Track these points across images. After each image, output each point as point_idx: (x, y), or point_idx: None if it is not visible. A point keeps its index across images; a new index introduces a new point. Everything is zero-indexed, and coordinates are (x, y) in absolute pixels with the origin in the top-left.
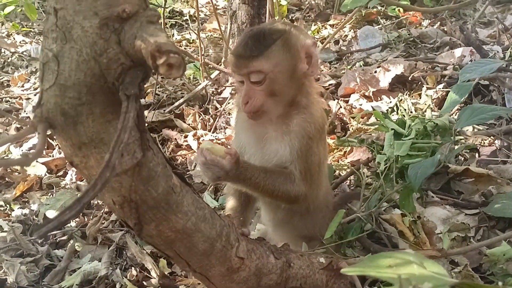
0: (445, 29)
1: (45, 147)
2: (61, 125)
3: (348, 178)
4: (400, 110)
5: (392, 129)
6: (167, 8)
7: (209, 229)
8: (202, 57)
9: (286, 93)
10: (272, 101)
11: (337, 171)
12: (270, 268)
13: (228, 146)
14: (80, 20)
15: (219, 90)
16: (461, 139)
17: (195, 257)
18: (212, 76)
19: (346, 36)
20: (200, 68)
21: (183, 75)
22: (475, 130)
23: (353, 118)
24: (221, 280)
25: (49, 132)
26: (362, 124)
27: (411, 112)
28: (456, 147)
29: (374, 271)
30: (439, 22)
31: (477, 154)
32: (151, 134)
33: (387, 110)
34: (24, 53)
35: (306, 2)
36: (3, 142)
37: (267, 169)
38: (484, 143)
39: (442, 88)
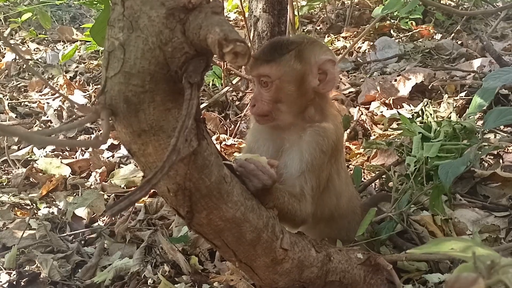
0: (460, 42)
1: (68, 149)
2: (123, 112)
3: (374, 182)
4: (426, 114)
5: (419, 132)
6: None
7: (256, 220)
8: (224, 62)
9: (292, 104)
10: (278, 109)
11: (365, 173)
12: (312, 261)
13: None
14: (147, 10)
15: (238, 97)
16: (485, 145)
17: (242, 246)
18: (233, 82)
19: (360, 48)
20: (221, 75)
21: (248, 63)
22: (498, 136)
23: (375, 124)
24: (265, 271)
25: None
26: (384, 131)
27: (436, 117)
28: (480, 152)
29: (443, 251)
30: (452, 35)
31: (501, 160)
32: None
33: (412, 115)
34: (40, 60)
35: (317, 15)
36: (67, 128)
37: (288, 190)
38: (507, 149)
39: (464, 96)
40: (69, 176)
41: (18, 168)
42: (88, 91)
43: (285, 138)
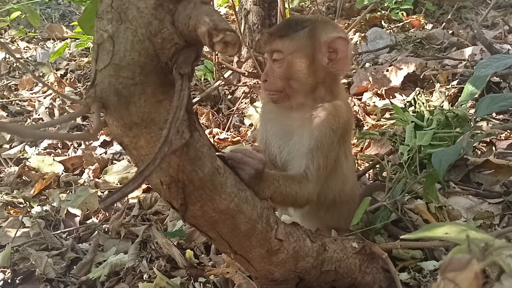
0: (451, 31)
1: (61, 147)
2: (114, 105)
3: (368, 172)
4: (418, 103)
5: (412, 121)
6: None
7: (251, 211)
8: (216, 56)
9: (303, 81)
10: (290, 86)
11: (358, 163)
12: (307, 251)
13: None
14: (135, 1)
15: (230, 90)
16: (477, 133)
17: (237, 238)
18: (225, 76)
19: (352, 39)
20: (212, 69)
21: (239, 53)
22: (490, 124)
23: (368, 114)
24: (260, 262)
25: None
26: (377, 121)
27: (428, 107)
28: (473, 140)
29: (437, 235)
30: (443, 24)
31: (493, 148)
32: None
33: (404, 104)
34: (30, 58)
35: (308, 8)
36: (58, 122)
37: (284, 173)
38: (500, 137)
39: (456, 85)
40: (62, 173)
41: (11, 166)
42: (79, 89)
43: (294, 118)
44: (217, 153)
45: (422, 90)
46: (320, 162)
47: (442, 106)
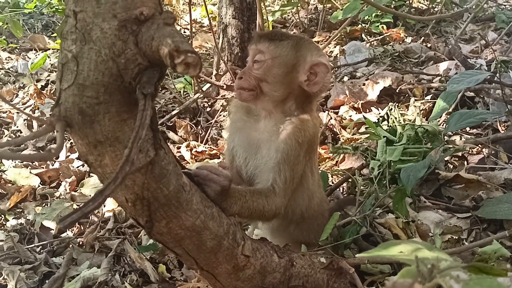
0: (429, 45)
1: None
2: (78, 124)
3: (342, 185)
4: (391, 118)
5: (384, 136)
6: None
7: (217, 227)
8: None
9: (275, 86)
10: (261, 88)
11: (333, 177)
12: (274, 266)
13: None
14: (99, 22)
15: (209, 103)
16: (450, 148)
17: (203, 254)
18: (203, 89)
19: (332, 52)
20: (192, 82)
21: (201, 71)
22: (463, 139)
23: (344, 128)
24: (227, 278)
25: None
26: (352, 135)
27: (401, 121)
28: (443, 154)
29: (390, 254)
30: (422, 38)
31: (465, 162)
32: None
33: (378, 119)
34: (11, 69)
35: (290, 20)
36: (21, 140)
37: (251, 189)
38: (472, 151)
39: (430, 99)
40: (39, 186)
41: None
42: None
43: (261, 130)
44: (183, 171)
45: (397, 104)
46: (287, 175)
47: (416, 117)
